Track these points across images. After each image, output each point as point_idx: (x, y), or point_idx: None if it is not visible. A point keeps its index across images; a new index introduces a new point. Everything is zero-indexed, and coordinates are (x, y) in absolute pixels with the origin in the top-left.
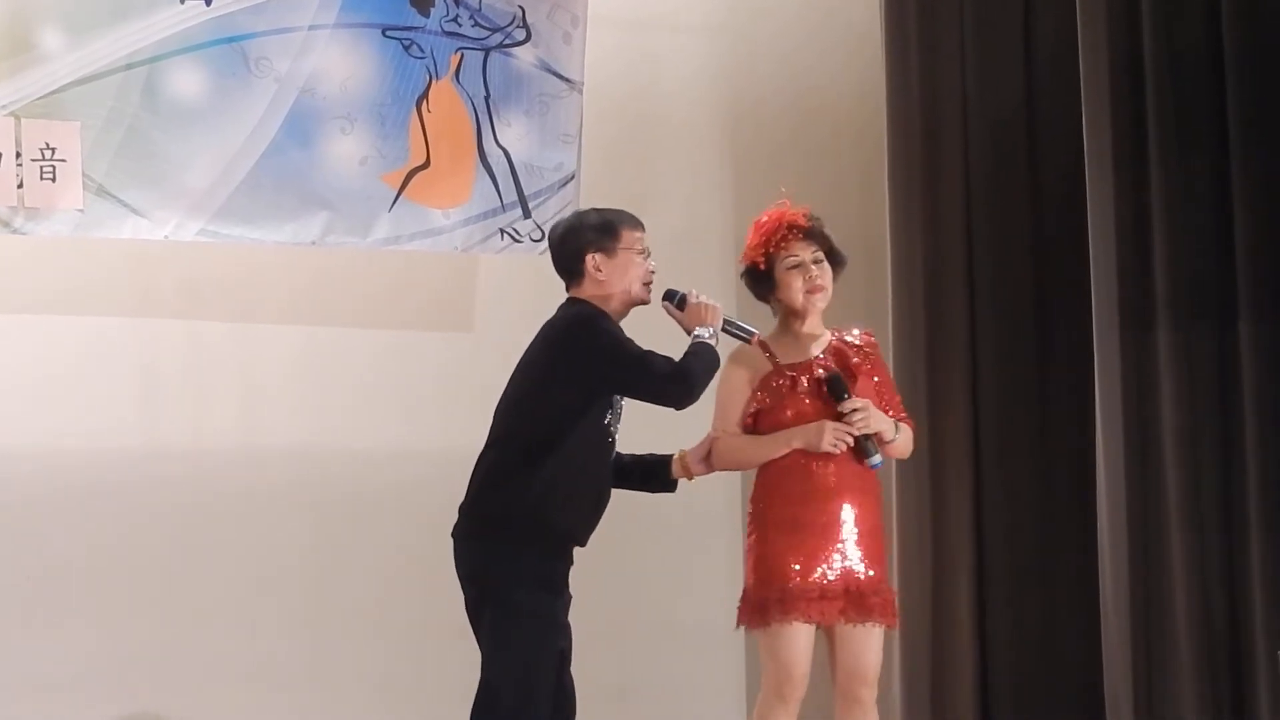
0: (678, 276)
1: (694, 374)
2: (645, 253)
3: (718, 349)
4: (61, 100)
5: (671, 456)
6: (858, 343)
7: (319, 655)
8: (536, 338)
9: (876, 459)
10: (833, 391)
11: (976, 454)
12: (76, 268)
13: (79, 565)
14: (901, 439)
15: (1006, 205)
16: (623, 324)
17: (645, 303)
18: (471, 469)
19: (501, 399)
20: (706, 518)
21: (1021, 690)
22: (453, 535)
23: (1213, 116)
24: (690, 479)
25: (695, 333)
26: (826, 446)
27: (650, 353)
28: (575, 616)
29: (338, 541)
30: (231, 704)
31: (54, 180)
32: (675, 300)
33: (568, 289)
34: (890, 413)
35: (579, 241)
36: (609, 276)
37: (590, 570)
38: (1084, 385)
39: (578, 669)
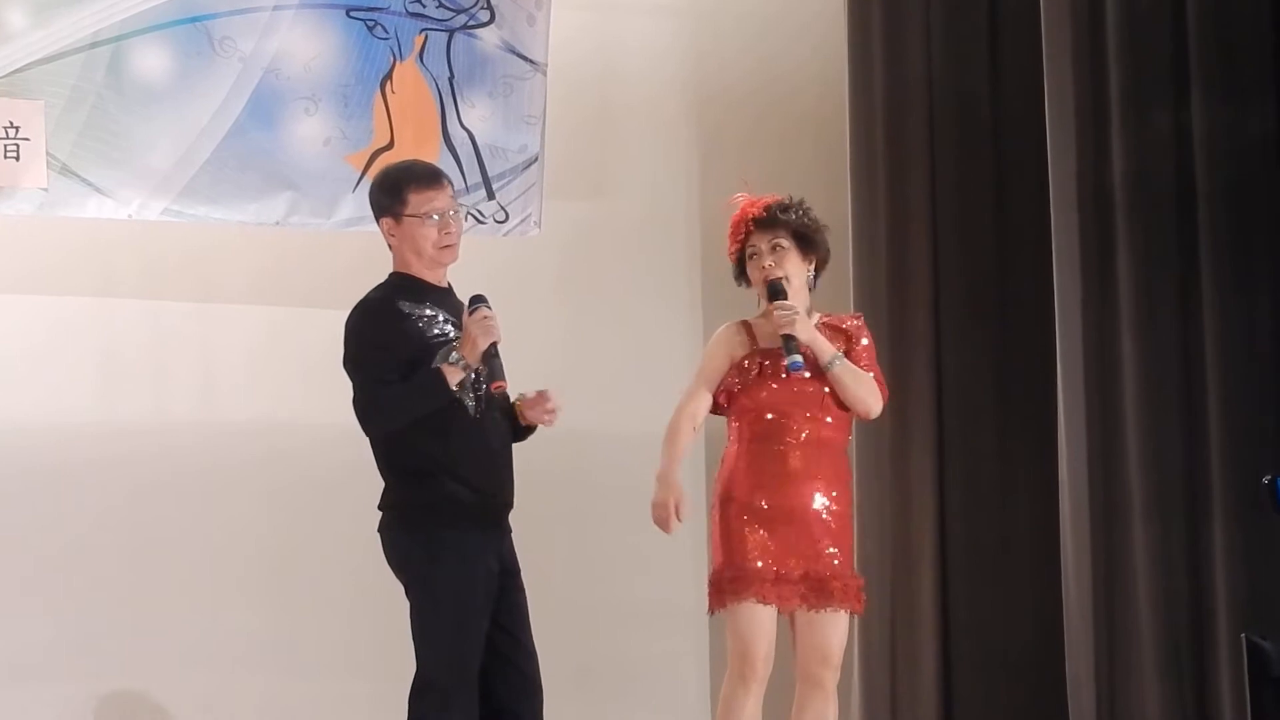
0: (642, 260)
1: (389, 405)
2: (436, 214)
3: (452, 384)
4: (25, 79)
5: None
6: (843, 326)
7: (282, 633)
8: None
9: (795, 359)
10: (769, 294)
11: (940, 441)
12: (38, 247)
13: (39, 545)
14: (848, 375)
15: (970, 192)
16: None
17: (444, 263)
18: None
19: None
20: None
21: (983, 677)
22: (378, 530)
23: (1177, 100)
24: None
25: (452, 358)
26: (654, 520)
27: (378, 381)
28: (537, 597)
29: (299, 520)
30: (194, 682)
31: (17, 159)
32: (470, 309)
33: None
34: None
35: (374, 210)
36: (400, 243)
37: (552, 550)
38: (1048, 372)
39: (540, 649)
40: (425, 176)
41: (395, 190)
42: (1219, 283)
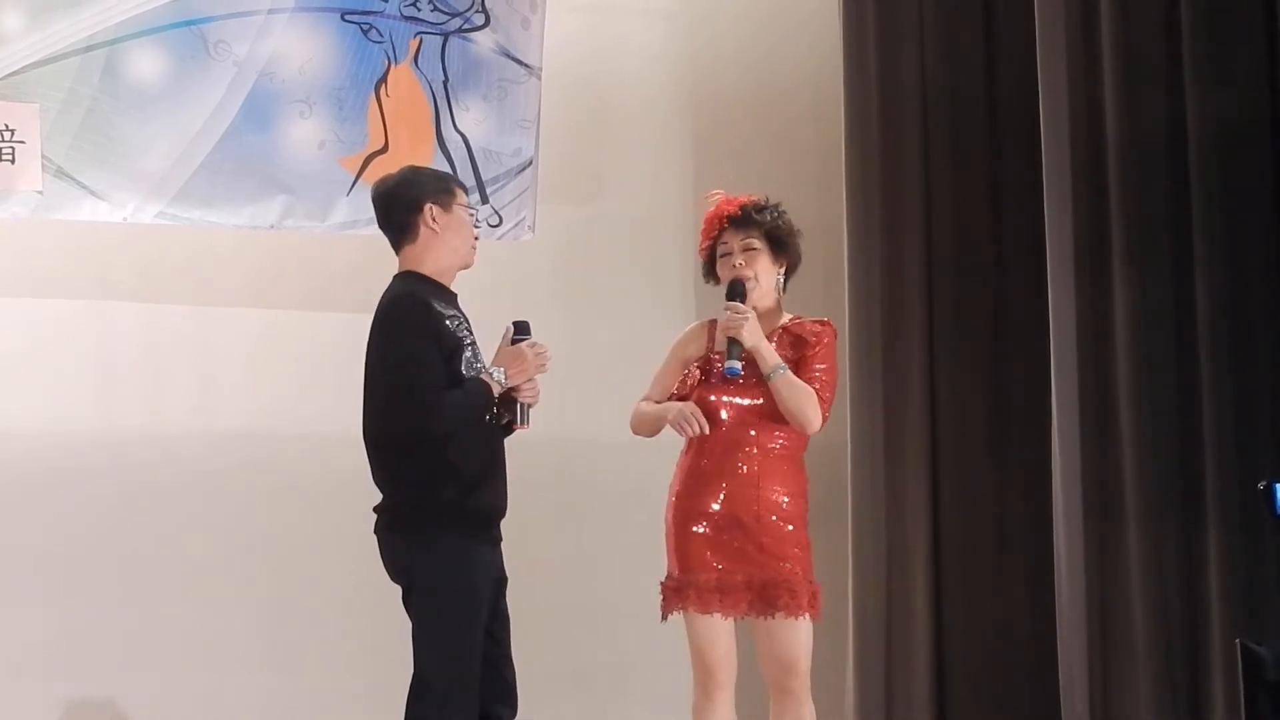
0: (637, 262)
1: (447, 413)
2: (475, 219)
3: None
4: (20, 82)
5: None
6: (804, 332)
7: (278, 635)
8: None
9: (733, 364)
10: (729, 293)
11: (933, 442)
12: (33, 251)
13: (35, 548)
14: (786, 388)
15: (965, 192)
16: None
17: (469, 266)
18: None
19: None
20: (661, 502)
21: (976, 678)
22: (375, 533)
23: (1171, 100)
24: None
25: (491, 371)
26: (671, 423)
27: (433, 385)
28: (529, 599)
29: (295, 524)
30: (189, 685)
31: (13, 162)
32: (518, 335)
33: (397, 249)
34: (806, 380)
35: (415, 191)
36: (444, 231)
37: (544, 554)
38: (1042, 372)
39: (531, 651)
40: (463, 184)
41: (446, 182)
42: (1215, 287)
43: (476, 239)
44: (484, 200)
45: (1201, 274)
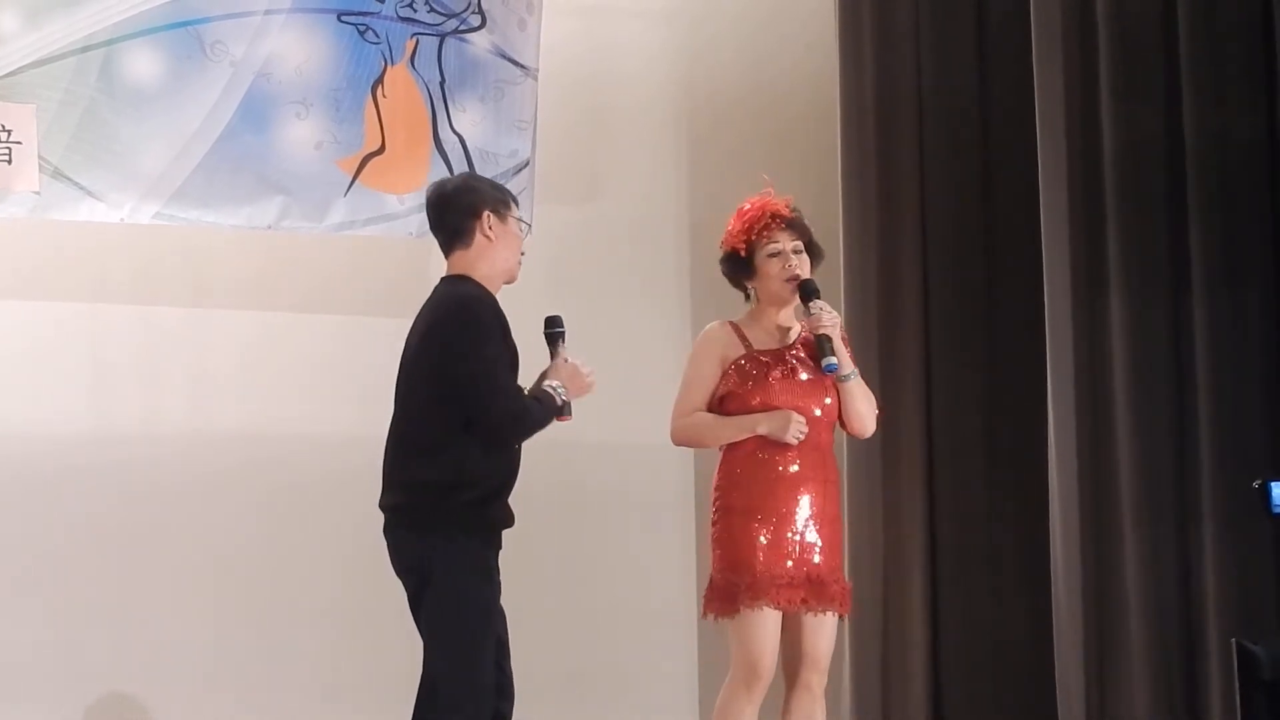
0: (634, 262)
1: (531, 422)
2: (527, 229)
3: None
4: (17, 82)
5: None
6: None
7: (274, 637)
8: (420, 317)
9: (832, 360)
10: (804, 293)
11: (929, 441)
12: (30, 252)
13: (29, 550)
14: (860, 390)
15: (960, 192)
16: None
17: (514, 280)
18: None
19: (398, 382)
20: (659, 504)
21: (973, 679)
22: (385, 531)
23: (1168, 102)
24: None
25: (554, 385)
26: (789, 437)
27: (520, 392)
28: (528, 603)
29: (290, 527)
30: (183, 688)
31: (9, 162)
32: (555, 332)
33: (447, 253)
34: None
35: (474, 197)
36: (498, 240)
37: (542, 556)
38: (1039, 373)
39: (530, 654)
40: (516, 198)
41: (503, 193)
42: (1210, 290)
43: (523, 253)
44: None
45: (1199, 276)
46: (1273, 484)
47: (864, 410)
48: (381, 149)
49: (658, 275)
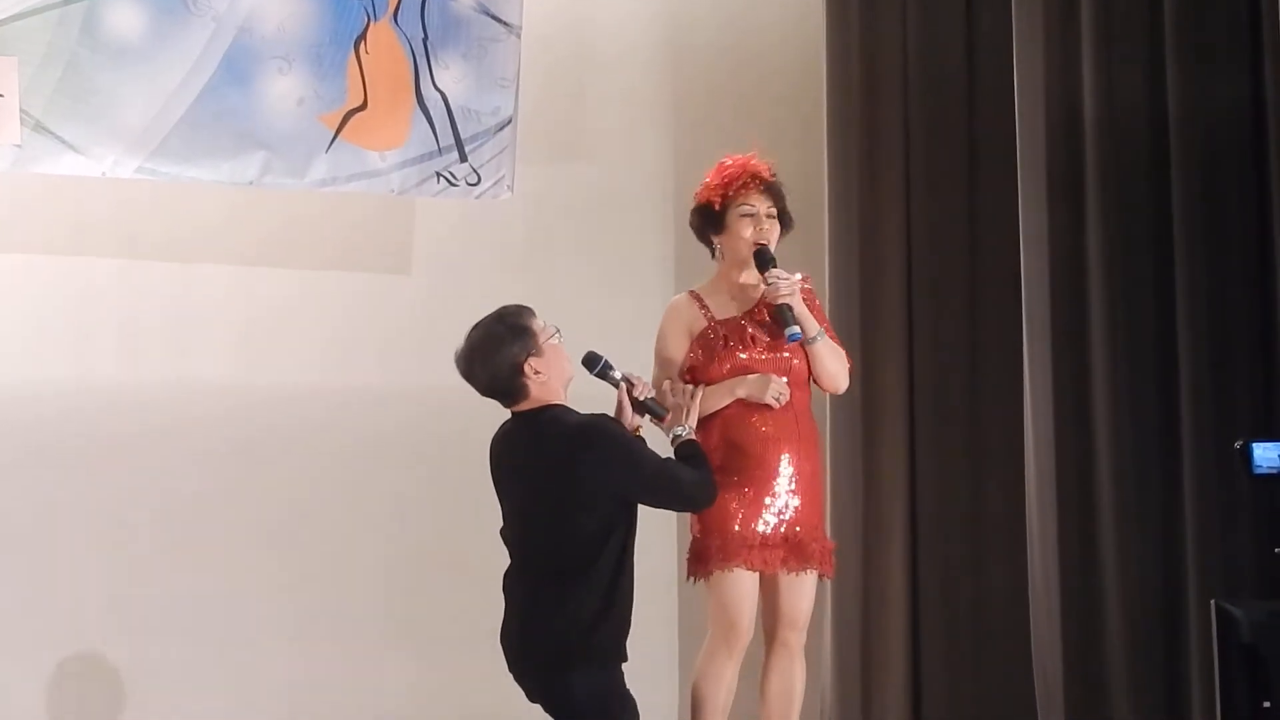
0: (614, 223)
1: (710, 479)
2: (554, 331)
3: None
4: None
5: None
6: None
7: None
8: (544, 456)
9: (795, 329)
10: (759, 261)
11: (911, 405)
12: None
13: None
14: (827, 349)
15: (944, 157)
16: None
17: (572, 378)
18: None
19: (521, 520)
20: None
21: (951, 644)
22: (526, 674)
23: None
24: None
25: (681, 434)
26: (769, 398)
27: (669, 462)
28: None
29: (263, 478)
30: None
31: None
32: (603, 369)
33: (512, 406)
34: None
35: (507, 358)
36: (549, 373)
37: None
38: (1018, 342)
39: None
40: (527, 307)
41: (522, 326)
42: (1192, 254)
43: (560, 335)
44: (462, 159)
45: (1180, 246)
46: (1254, 445)
47: (834, 369)
48: (364, 105)
49: (639, 234)
